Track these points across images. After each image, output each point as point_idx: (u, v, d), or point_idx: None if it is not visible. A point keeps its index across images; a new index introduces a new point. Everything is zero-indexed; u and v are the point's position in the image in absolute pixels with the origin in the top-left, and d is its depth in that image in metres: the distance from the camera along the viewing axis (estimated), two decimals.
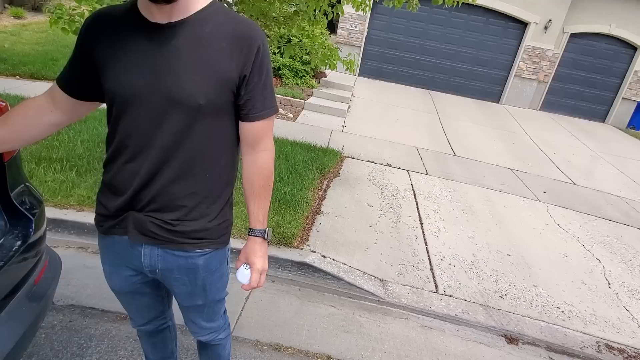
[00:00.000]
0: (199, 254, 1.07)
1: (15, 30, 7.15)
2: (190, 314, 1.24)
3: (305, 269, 2.57)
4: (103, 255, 1.15)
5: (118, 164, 0.99)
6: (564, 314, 2.63)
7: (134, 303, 1.24)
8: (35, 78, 5.26)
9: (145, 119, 0.93)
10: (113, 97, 0.95)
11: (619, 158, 6.94)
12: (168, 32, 0.90)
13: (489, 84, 9.57)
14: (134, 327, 1.33)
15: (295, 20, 3.54)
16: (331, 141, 5.03)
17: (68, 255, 2.34)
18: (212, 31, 0.92)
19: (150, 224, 1.01)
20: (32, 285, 1.26)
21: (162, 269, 1.07)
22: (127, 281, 1.13)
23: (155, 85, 0.90)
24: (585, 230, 3.94)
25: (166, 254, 1.05)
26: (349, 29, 9.12)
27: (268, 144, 1.07)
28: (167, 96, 0.91)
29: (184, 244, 1.03)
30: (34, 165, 2.90)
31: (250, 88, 0.96)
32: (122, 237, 1.05)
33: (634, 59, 9.27)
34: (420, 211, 3.67)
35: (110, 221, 1.05)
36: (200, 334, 1.30)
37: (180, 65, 0.90)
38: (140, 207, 1.00)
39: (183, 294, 1.15)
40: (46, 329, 1.85)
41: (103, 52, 0.94)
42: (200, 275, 1.10)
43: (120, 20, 0.94)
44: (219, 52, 0.92)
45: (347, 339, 2.15)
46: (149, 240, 1.03)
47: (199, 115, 0.93)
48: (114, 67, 0.93)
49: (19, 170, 1.36)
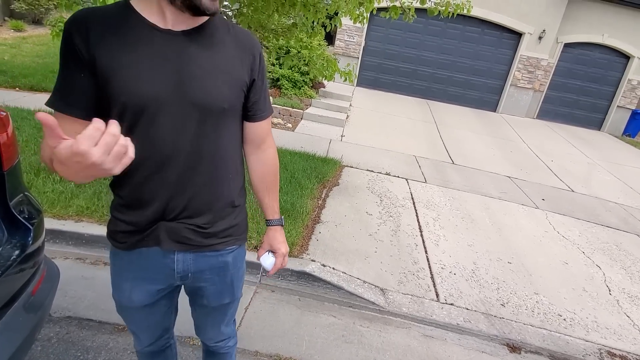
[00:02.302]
0: (228, 252, 1.12)
1: (15, 43, 7.22)
2: (213, 317, 1.25)
3: (305, 278, 2.55)
4: (123, 272, 1.09)
5: (140, 177, 0.95)
6: (566, 322, 2.61)
7: (147, 319, 1.20)
8: (35, 90, 5.29)
9: (170, 127, 0.91)
10: (125, 108, 0.87)
11: (616, 165, 6.98)
12: (184, 40, 0.90)
13: (485, 93, 9.67)
14: (139, 348, 1.28)
15: (293, 32, 3.59)
16: (330, 150, 5.05)
17: (66, 266, 2.32)
18: (220, 39, 0.96)
19: (185, 230, 1.01)
20: (29, 296, 1.25)
21: (195, 271, 1.08)
22: (149, 294, 1.10)
23: (179, 92, 0.89)
24: (585, 237, 3.94)
25: (198, 257, 1.07)
26: (346, 40, 9.24)
27: (272, 142, 1.16)
28: (193, 102, 0.91)
29: (215, 244, 1.07)
30: (33, 176, 2.89)
31: (257, 91, 1.04)
32: (150, 249, 1.02)
33: (627, 67, 9.41)
34: (420, 219, 3.67)
35: (137, 235, 1.01)
36: (216, 339, 1.30)
37: (201, 72, 0.91)
38: (172, 216, 0.99)
39: (213, 294, 1.16)
40: (42, 341, 1.82)
41: (108, 59, 0.85)
42: (230, 272, 1.15)
43: (117, 23, 0.87)
44: (231, 58, 0.96)
45: (348, 349, 2.12)
46: (182, 247, 1.03)
47: (222, 119, 0.97)
48: (126, 75, 0.86)
49: (18, 179, 1.36)
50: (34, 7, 8.62)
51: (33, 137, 3.56)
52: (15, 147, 1.33)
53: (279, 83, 6.84)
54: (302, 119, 6.34)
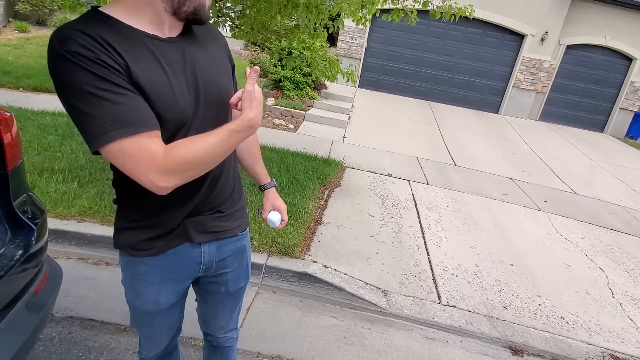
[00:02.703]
0: (243, 235, 1.20)
1: (19, 44, 7.25)
2: (226, 305, 1.28)
3: (307, 280, 2.55)
4: (149, 277, 1.06)
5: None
6: (569, 325, 2.60)
7: (168, 321, 1.20)
8: (38, 91, 5.32)
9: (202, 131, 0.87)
10: (167, 123, 0.84)
11: (619, 167, 6.95)
12: (184, 44, 0.91)
13: (487, 94, 9.66)
14: (150, 355, 1.26)
15: (296, 33, 3.60)
16: (332, 152, 5.05)
17: (68, 266, 2.33)
18: (201, 36, 0.98)
19: (211, 219, 1.07)
20: (32, 295, 1.25)
21: (219, 260, 1.14)
22: (175, 293, 1.12)
23: (201, 95, 0.91)
24: (588, 239, 3.92)
25: (220, 245, 1.12)
26: (348, 41, 9.25)
27: None
28: (213, 101, 0.95)
29: (234, 228, 1.14)
30: (36, 176, 2.90)
31: (234, 75, 1.09)
32: (177, 248, 1.04)
33: (629, 69, 9.38)
34: (422, 221, 3.66)
35: (167, 237, 1.01)
36: (226, 328, 1.34)
37: (206, 70, 0.93)
38: (198, 211, 1.03)
39: (232, 280, 1.21)
40: (45, 341, 1.82)
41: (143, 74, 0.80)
42: (246, 255, 1.23)
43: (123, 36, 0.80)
44: (216, 50, 1.00)
45: (349, 351, 2.12)
46: (210, 237, 1.08)
47: (229, 109, 1.02)
48: (162, 91, 0.83)
49: (22, 179, 1.37)
50: (38, 8, 8.67)
51: (36, 138, 3.58)
52: (19, 147, 1.34)
53: (281, 84, 6.85)
54: (304, 120, 6.35)
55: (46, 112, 4.35)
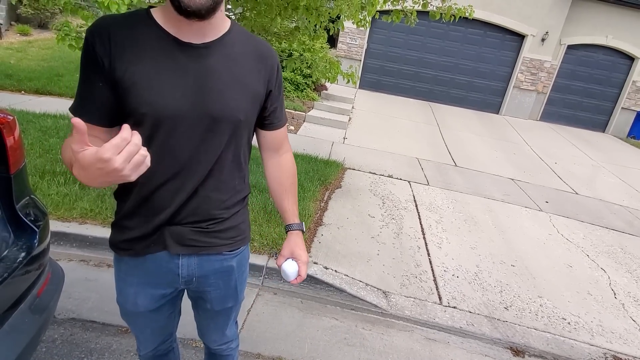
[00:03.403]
0: (233, 255, 1.12)
1: (21, 47, 7.29)
2: (216, 321, 1.25)
3: (307, 281, 2.55)
4: (128, 277, 1.09)
5: (153, 185, 0.96)
6: (570, 325, 2.60)
7: (152, 325, 1.20)
8: (40, 93, 5.34)
9: (187, 138, 0.93)
10: (144, 119, 0.88)
11: (621, 167, 6.94)
12: (204, 52, 0.91)
13: (488, 95, 9.65)
14: (142, 353, 1.28)
15: (296, 35, 3.61)
16: (332, 153, 5.06)
17: (70, 268, 2.34)
18: (240, 51, 0.97)
19: (191, 233, 1.02)
20: (34, 297, 1.26)
21: (199, 276, 1.08)
22: (154, 300, 1.11)
23: (198, 105, 0.91)
24: (589, 240, 3.91)
25: (202, 261, 1.07)
26: (349, 43, 9.27)
27: (288, 147, 1.21)
28: (212, 115, 0.93)
29: (219, 246, 1.07)
30: (38, 179, 2.92)
31: (274, 101, 1.06)
32: (156, 254, 1.03)
33: (631, 69, 9.36)
34: (423, 222, 3.66)
35: (144, 242, 1.02)
36: (220, 342, 1.31)
37: (220, 85, 0.93)
38: (177, 220, 1.00)
39: (216, 299, 1.16)
40: (47, 343, 1.83)
41: (128, 71, 0.86)
42: (234, 277, 1.15)
43: (140, 34, 0.88)
44: (249, 70, 0.98)
45: (350, 353, 2.12)
46: (188, 250, 1.03)
47: (238, 130, 0.99)
48: (147, 87, 0.87)
49: (24, 182, 1.38)
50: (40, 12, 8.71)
51: (38, 140, 3.60)
52: (21, 150, 1.35)
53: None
54: (304, 121, 6.36)
55: (48, 115, 4.37)
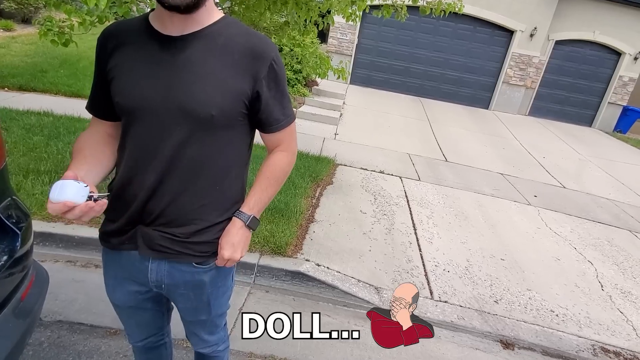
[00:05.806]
0: (205, 269, 1.06)
1: (4, 43, 7.09)
2: (193, 327, 1.24)
3: (300, 278, 2.54)
4: (107, 269, 1.13)
5: (126, 177, 0.97)
6: (559, 318, 2.64)
7: (134, 318, 1.21)
8: (24, 90, 5.21)
9: (154, 130, 0.93)
10: (122, 110, 0.95)
11: (607, 161, 7.06)
12: (180, 44, 0.90)
13: (478, 90, 9.72)
14: (131, 343, 1.30)
15: (286, 30, 3.58)
16: (324, 149, 5.04)
17: (56, 269, 2.29)
18: (224, 43, 0.93)
19: (160, 238, 0.99)
20: (18, 301, 1.23)
21: (168, 284, 1.06)
22: (131, 296, 1.11)
23: (167, 96, 0.90)
24: (577, 233, 3.98)
25: (173, 270, 1.04)
26: (339, 38, 9.22)
27: (286, 147, 1.10)
28: (179, 107, 0.91)
29: (192, 256, 1.02)
30: (22, 178, 2.85)
31: (266, 102, 0.97)
32: (130, 252, 1.04)
33: (618, 64, 9.51)
34: (414, 217, 3.68)
35: (119, 237, 1.03)
36: (201, 346, 1.29)
37: (191, 77, 0.90)
38: (149, 220, 0.99)
39: (187, 310, 1.15)
40: (33, 346, 1.79)
41: (113, 66, 0.94)
42: (206, 292, 1.10)
43: (132, 33, 0.94)
44: (230, 64, 0.92)
45: (342, 349, 2.12)
46: (157, 255, 1.01)
47: (210, 126, 0.93)
48: (123, 79, 0.93)
49: (5, 183, 1.34)
50: (24, 7, 8.48)
51: (22, 138, 3.51)
52: (2, 149, 1.31)
53: None
54: (295, 117, 6.32)
55: (32, 112, 4.26)
